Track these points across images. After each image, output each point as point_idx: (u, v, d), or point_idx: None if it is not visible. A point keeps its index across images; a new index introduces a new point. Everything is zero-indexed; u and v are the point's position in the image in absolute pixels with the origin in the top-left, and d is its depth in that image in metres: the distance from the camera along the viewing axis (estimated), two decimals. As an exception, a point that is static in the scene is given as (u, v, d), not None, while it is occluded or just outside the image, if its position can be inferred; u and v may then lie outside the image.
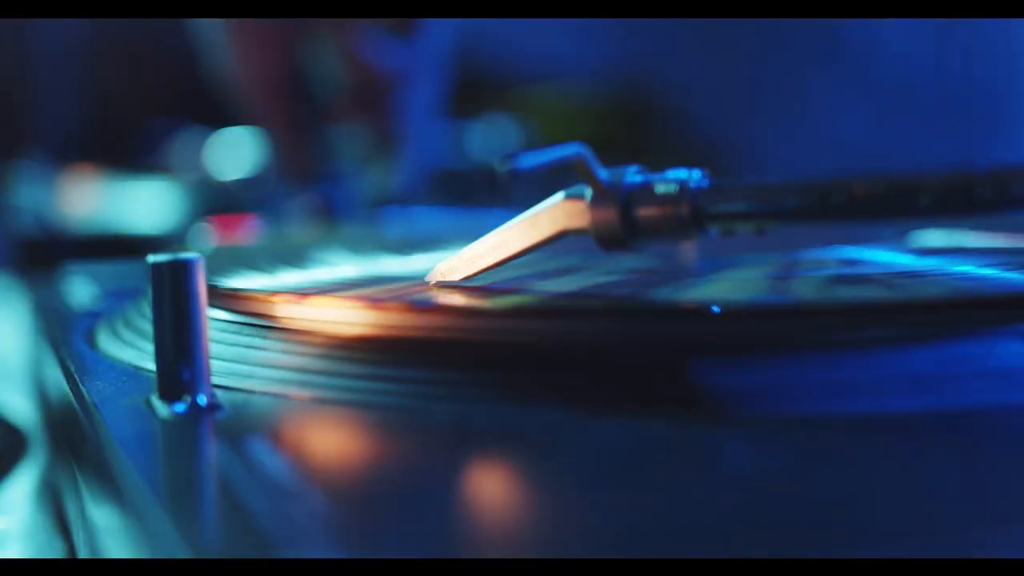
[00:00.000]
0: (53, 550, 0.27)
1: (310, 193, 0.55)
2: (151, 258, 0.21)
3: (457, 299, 0.25)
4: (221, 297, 0.26)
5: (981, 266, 0.27)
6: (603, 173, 0.25)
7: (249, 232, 0.55)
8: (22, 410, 0.38)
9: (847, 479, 0.17)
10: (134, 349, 0.27)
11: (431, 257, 0.31)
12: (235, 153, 0.74)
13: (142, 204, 0.66)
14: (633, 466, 0.18)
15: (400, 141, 0.56)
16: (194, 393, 0.21)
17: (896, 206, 0.23)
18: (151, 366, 0.24)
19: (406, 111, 0.56)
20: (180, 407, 0.21)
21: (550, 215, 0.26)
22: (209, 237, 0.54)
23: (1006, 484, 0.17)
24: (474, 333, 0.23)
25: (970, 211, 0.23)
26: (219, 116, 0.80)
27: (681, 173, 0.25)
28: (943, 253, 0.31)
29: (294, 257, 0.34)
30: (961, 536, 0.15)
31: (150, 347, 0.22)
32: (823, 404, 0.20)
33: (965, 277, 0.26)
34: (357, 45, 0.55)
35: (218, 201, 0.60)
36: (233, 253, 0.37)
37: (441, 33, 0.59)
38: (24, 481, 0.31)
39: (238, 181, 0.61)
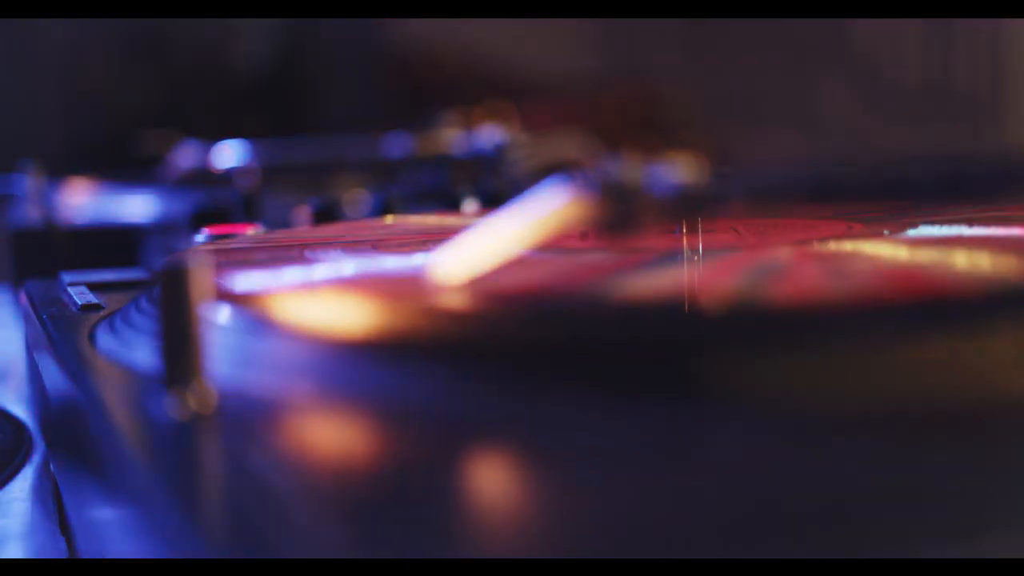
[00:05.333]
0: (53, 550, 0.27)
1: (309, 201, 0.55)
2: (153, 259, 0.21)
3: (456, 294, 0.25)
4: (222, 296, 0.26)
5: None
6: (604, 164, 0.25)
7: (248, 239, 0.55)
8: (22, 410, 0.38)
9: (848, 476, 0.17)
10: (134, 348, 0.27)
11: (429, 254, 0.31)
12: (233, 164, 0.74)
13: (140, 212, 0.66)
14: (638, 464, 0.18)
15: None
16: (195, 392, 0.21)
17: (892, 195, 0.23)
18: (152, 365, 0.24)
19: None
20: (181, 405, 0.21)
21: (552, 207, 0.25)
22: (209, 243, 0.54)
23: (1008, 482, 0.17)
24: (473, 329, 0.23)
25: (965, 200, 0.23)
26: (218, 128, 0.80)
27: (678, 164, 0.25)
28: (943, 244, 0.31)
29: (293, 256, 0.34)
30: (963, 535, 0.15)
31: (151, 346, 0.22)
32: (824, 399, 0.20)
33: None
34: None
35: (216, 210, 0.59)
36: (232, 253, 0.37)
37: None
38: (24, 480, 0.31)
39: (236, 191, 0.61)
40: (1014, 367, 0.21)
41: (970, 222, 0.33)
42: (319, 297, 0.26)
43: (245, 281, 0.28)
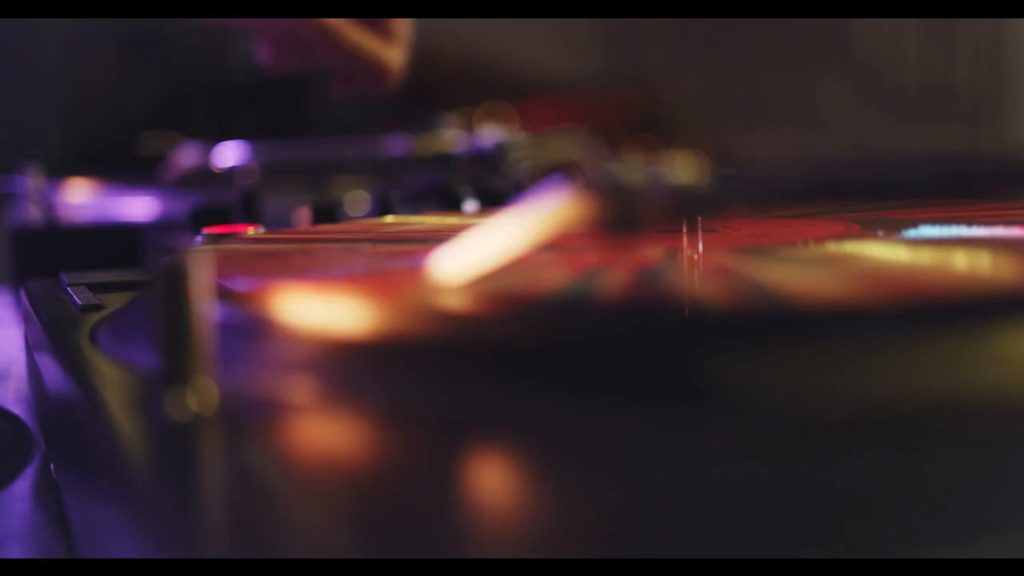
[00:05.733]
0: (53, 550, 0.27)
1: (309, 202, 0.55)
2: (153, 259, 0.21)
3: (457, 295, 0.25)
4: (222, 297, 0.26)
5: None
6: (604, 164, 0.25)
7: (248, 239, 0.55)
8: (22, 410, 0.38)
9: (845, 477, 0.17)
10: (134, 348, 0.27)
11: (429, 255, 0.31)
12: (233, 164, 0.74)
13: (141, 212, 0.66)
14: (639, 465, 0.18)
15: None
16: (195, 392, 0.21)
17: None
18: (152, 365, 0.24)
19: None
20: (181, 405, 0.21)
21: (555, 207, 0.25)
22: (208, 243, 0.54)
23: (1006, 483, 0.17)
24: (474, 330, 0.23)
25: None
26: (218, 128, 0.80)
27: (678, 164, 0.25)
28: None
29: (293, 257, 0.34)
30: (961, 536, 0.15)
31: (151, 346, 0.22)
32: (820, 400, 0.20)
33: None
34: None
35: (217, 211, 0.60)
36: (233, 255, 0.37)
37: None
38: (24, 480, 0.31)
39: (236, 191, 0.61)
40: (1003, 367, 0.21)
41: (965, 221, 0.33)
42: (319, 297, 0.25)
43: (245, 281, 0.28)
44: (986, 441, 0.18)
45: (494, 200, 0.54)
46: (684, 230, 0.28)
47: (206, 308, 0.21)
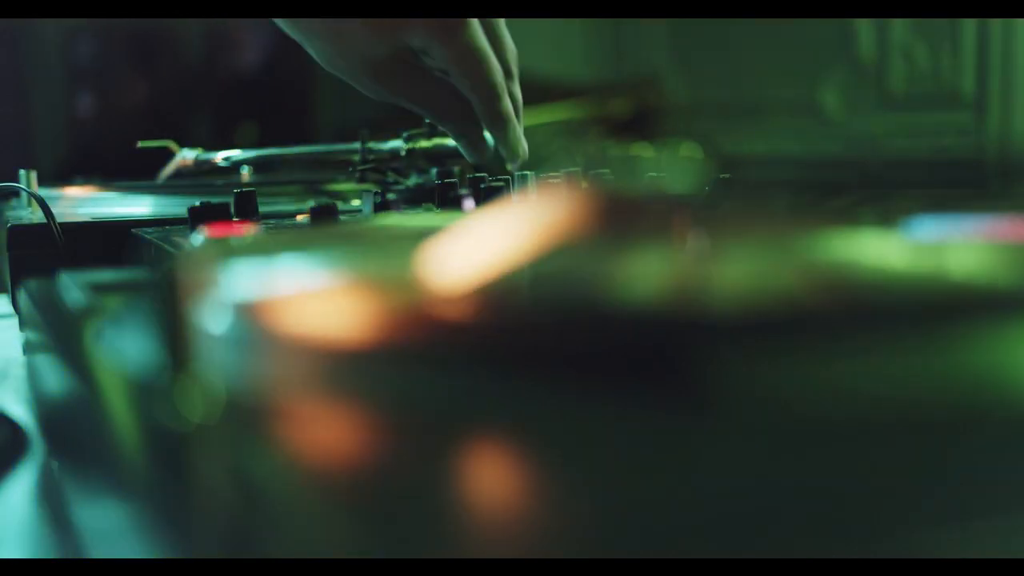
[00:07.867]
0: (53, 550, 0.27)
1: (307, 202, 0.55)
2: (154, 261, 0.21)
3: (454, 297, 0.25)
4: (221, 297, 0.26)
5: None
6: (604, 164, 0.25)
7: (246, 240, 0.55)
8: (22, 410, 0.38)
9: (843, 476, 0.17)
10: (134, 349, 0.27)
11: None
12: (231, 164, 0.74)
13: (140, 213, 0.66)
14: (638, 465, 0.18)
15: None
16: (195, 392, 0.21)
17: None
18: (151, 365, 0.24)
19: None
20: (180, 406, 0.21)
21: (551, 207, 0.25)
22: (207, 244, 0.54)
23: (1003, 481, 0.17)
24: (470, 331, 0.23)
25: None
26: (217, 128, 0.80)
27: (679, 165, 0.25)
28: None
29: (292, 258, 0.34)
30: (958, 534, 0.15)
31: (150, 347, 0.22)
32: (818, 400, 0.20)
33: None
34: None
35: (215, 211, 0.60)
36: (231, 254, 0.37)
37: None
38: (24, 480, 0.31)
39: (234, 192, 0.61)
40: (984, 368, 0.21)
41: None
42: (318, 298, 0.26)
43: (244, 282, 0.28)
44: (985, 441, 0.18)
45: (492, 200, 0.54)
46: (682, 231, 0.28)
47: (206, 309, 0.21)
